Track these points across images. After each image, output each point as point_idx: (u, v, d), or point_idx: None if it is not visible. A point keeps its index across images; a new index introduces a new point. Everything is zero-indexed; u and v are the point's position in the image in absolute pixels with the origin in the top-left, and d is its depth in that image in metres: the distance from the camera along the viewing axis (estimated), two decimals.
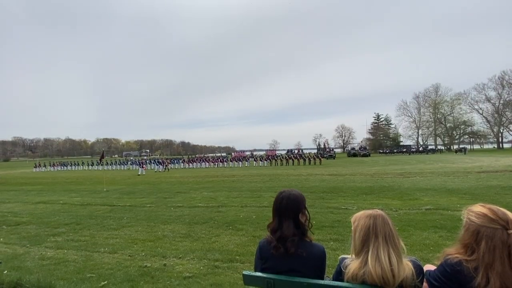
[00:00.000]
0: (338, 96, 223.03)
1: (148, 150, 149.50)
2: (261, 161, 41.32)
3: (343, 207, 7.64)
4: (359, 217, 1.52)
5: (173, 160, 45.11)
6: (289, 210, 1.64)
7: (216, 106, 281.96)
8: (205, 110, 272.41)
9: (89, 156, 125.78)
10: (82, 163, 49.27)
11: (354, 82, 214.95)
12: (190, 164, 41.31)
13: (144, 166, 31.90)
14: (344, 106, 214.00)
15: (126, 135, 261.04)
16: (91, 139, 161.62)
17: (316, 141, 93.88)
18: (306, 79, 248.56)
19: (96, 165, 45.18)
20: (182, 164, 42.25)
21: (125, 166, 44.42)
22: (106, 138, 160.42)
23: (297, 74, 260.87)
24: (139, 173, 27.27)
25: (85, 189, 15.21)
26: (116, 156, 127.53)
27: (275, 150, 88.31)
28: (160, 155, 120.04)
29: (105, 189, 14.05)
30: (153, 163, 38.70)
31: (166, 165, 33.84)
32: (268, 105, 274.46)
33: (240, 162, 40.67)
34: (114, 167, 44.05)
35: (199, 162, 41.67)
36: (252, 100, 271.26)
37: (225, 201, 9.51)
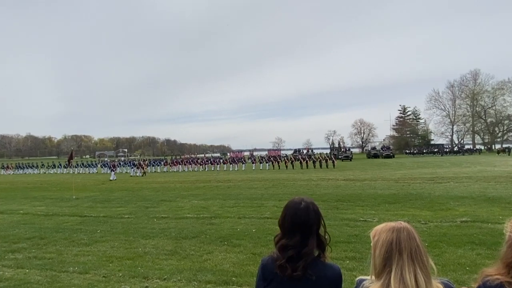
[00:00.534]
0: (356, 85, 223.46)
1: (126, 150, 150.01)
2: (262, 163, 41.41)
3: (361, 219, 7.68)
4: (380, 231, 1.52)
5: (153, 162, 44.69)
6: (311, 223, 1.61)
7: (209, 97, 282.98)
8: (194, 101, 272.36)
9: (55, 157, 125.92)
10: (42, 164, 49.12)
11: (375, 69, 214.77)
12: (175, 166, 41.29)
13: (115, 169, 30.82)
14: (364, 97, 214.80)
15: (99, 131, 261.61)
16: (57, 136, 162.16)
17: (329, 139, 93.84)
18: (317, 65, 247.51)
19: (59, 167, 45.16)
20: (164, 166, 42.07)
21: (95, 168, 43.47)
22: (76, 135, 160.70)
23: (306, 59, 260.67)
24: (111, 178, 26.70)
25: (51, 196, 15.27)
26: (88, 156, 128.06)
27: (280, 150, 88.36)
28: (140, 155, 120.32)
29: (74, 197, 14.08)
30: (128, 166, 38.23)
31: (143, 168, 32.97)
32: (271, 95, 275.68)
33: (237, 164, 40.75)
34: (80, 170, 43.23)
35: (186, 165, 41.63)
36: (252, 90, 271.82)
37: (219, 211, 9.55)
